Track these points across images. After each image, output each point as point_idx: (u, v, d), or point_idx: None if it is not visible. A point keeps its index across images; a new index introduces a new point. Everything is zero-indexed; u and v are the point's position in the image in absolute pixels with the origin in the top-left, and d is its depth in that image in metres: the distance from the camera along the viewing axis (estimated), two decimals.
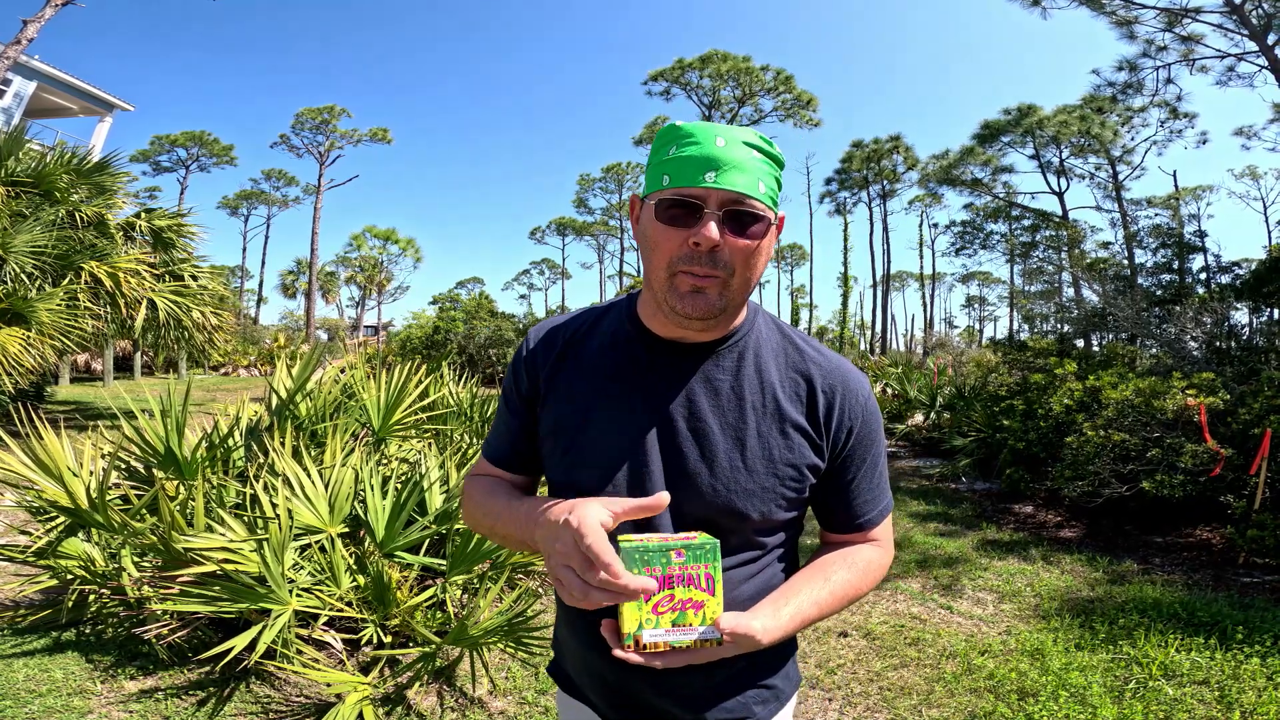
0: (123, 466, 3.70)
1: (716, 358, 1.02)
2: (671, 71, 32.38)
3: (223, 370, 25.17)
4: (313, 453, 3.63)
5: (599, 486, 1.00)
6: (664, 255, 0.93)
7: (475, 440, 4.72)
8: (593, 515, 0.81)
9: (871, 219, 41.40)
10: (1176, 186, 22.88)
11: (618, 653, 0.84)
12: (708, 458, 0.99)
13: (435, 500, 3.52)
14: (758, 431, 1.00)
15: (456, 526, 3.39)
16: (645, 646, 0.84)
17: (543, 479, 1.17)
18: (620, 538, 0.88)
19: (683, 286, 0.93)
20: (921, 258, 47.62)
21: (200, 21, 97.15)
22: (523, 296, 64.16)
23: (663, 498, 0.84)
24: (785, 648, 1.11)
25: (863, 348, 40.97)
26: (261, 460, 3.52)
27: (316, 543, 3.16)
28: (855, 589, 1.04)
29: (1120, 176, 23.50)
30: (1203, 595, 4.26)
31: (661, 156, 0.94)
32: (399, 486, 3.41)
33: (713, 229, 0.89)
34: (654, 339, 1.04)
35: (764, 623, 0.89)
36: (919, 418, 11.09)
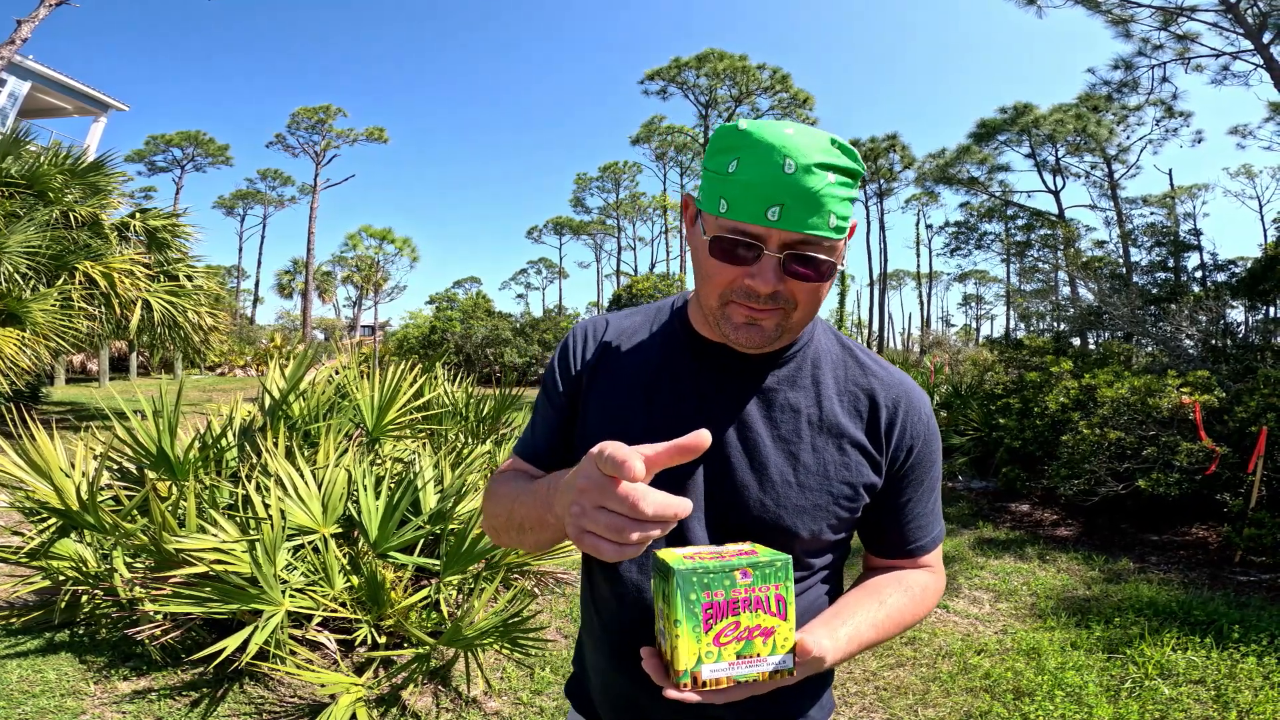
0: (115, 467, 3.68)
1: (771, 368, 0.97)
2: (668, 71, 32.34)
3: (219, 370, 25.11)
4: (306, 453, 3.62)
5: None
6: (716, 287, 0.86)
7: (470, 440, 4.71)
8: (615, 444, 0.66)
9: (868, 217, 41.45)
10: (1172, 185, 22.90)
11: (670, 693, 0.71)
12: (758, 470, 0.93)
13: (429, 500, 3.51)
14: (813, 446, 0.94)
15: (451, 526, 3.38)
16: (704, 684, 0.71)
17: None
18: (662, 554, 0.77)
19: (736, 318, 0.86)
20: (918, 256, 47.65)
21: (196, 21, 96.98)
22: (520, 296, 64.08)
23: (703, 436, 0.66)
24: (823, 673, 1.04)
25: None
26: (254, 461, 3.50)
27: (310, 543, 3.14)
28: (911, 614, 0.97)
29: (1116, 175, 23.56)
30: (1199, 594, 4.26)
31: (721, 168, 0.82)
32: (392, 486, 3.40)
33: (770, 276, 0.81)
34: (704, 343, 0.98)
35: (828, 643, 0.80)
36: None
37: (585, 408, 1.01)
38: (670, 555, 0.76)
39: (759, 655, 0.73)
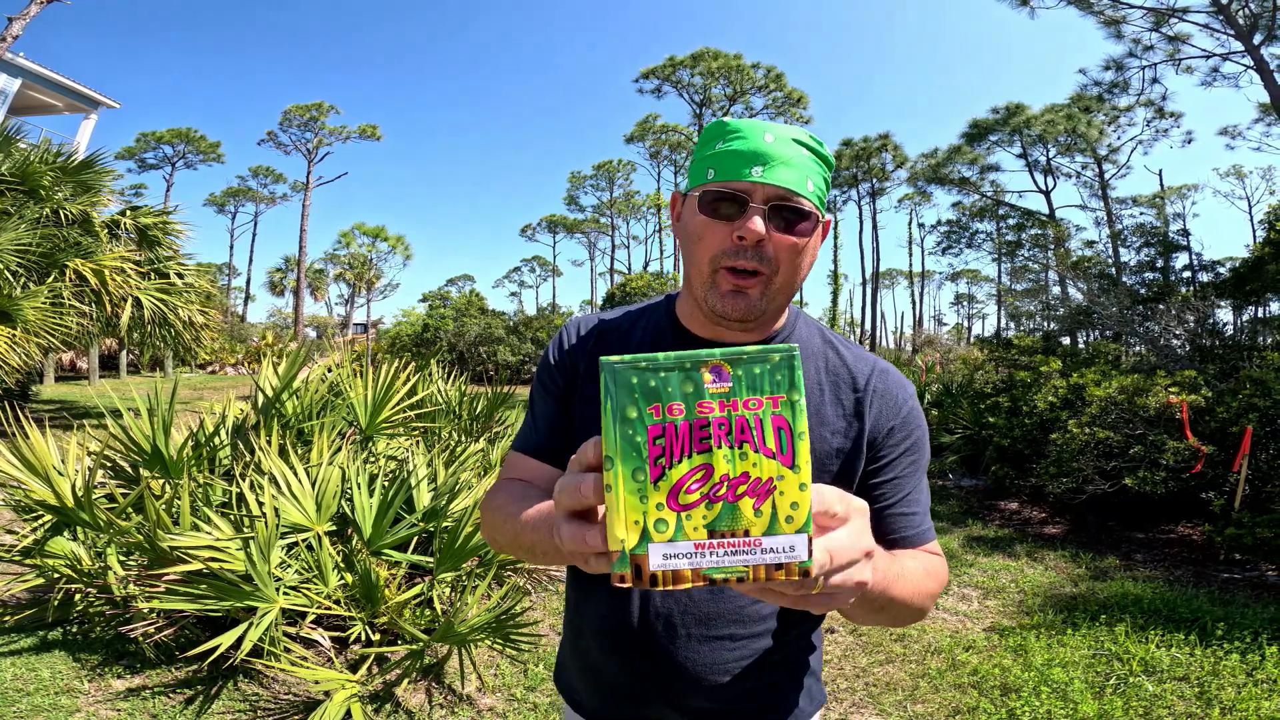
0: (109, 465, 3.69)
1: None
2: (663, 69, 32.31)
3: (210, 369, 24.99)
4: (299, 451, 3.63)
5: None
6: (707, 249, 0.90)
7: (464, 438, 4.72)
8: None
9: (861, 217, 41.49)
10: (1162, 185, 23.07)
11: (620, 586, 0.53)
12: None
13: (423, 498, 3.52)
14: None
15: (444, 524, 3.40)
16: (654, 576, 0.44)
17: None
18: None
19: (724, 286, 0.90)
20: (910, 255, 47.96)
21: (187, 18, 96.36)
22: (513, 294, 64.03)
23: None
24: (806, 659, 1.06)
25: None
26: (248, 459, 3.51)
27: (304, 541, 3.16)
28: (925, 584, 0.88)
29: (1106, 175, 23.66)
30: (1183, 591, 4.31)
31: (707, 151, 0.90)
32: (386, 484, 3.41)
33: (758, 222, 0.85)
34: (692, 339, 1.01)
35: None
36: None
37: (574, 402, 1.03)
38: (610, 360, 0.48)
39: (748, 534, 0.43)
